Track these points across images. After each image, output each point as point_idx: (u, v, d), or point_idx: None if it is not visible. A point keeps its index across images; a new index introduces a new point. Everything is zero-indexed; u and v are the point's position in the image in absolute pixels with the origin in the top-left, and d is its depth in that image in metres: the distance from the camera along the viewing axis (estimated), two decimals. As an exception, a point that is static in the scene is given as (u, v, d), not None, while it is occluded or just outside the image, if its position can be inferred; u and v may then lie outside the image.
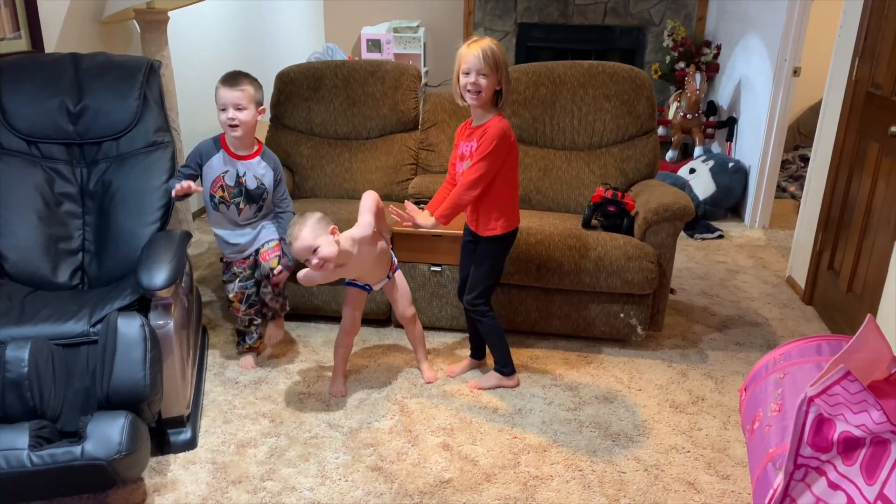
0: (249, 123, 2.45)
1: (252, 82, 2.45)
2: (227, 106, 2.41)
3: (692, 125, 5.18)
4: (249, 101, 2.42)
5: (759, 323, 3.17)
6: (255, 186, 2.52)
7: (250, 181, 2.51)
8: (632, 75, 3.17)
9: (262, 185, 2.53)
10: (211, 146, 2.51)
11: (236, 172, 2.50)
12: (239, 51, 4.77)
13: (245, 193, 2.52)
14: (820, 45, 4.37)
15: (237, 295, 2.62)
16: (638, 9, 5.86)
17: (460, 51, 2.29)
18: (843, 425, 1.31)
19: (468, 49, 2.26)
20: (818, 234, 3.30)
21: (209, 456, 2.21)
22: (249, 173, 2.51)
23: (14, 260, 2.31)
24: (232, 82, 2.41)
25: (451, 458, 2.21)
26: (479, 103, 2.29)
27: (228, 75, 2.44)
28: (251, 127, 2.47)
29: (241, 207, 2.53)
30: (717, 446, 2.29)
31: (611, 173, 3.19)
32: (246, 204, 2.53)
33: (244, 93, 2.41)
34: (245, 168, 2.51)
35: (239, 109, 2.41)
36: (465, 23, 6.15)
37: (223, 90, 2.41)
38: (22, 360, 1.83)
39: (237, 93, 2.40)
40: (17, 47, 2.73)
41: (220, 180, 2.50)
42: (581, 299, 2.82)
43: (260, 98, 2.47)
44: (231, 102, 2.40)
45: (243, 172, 2.51)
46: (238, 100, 2.40)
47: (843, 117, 3.13)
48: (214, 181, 2.50)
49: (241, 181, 2.51)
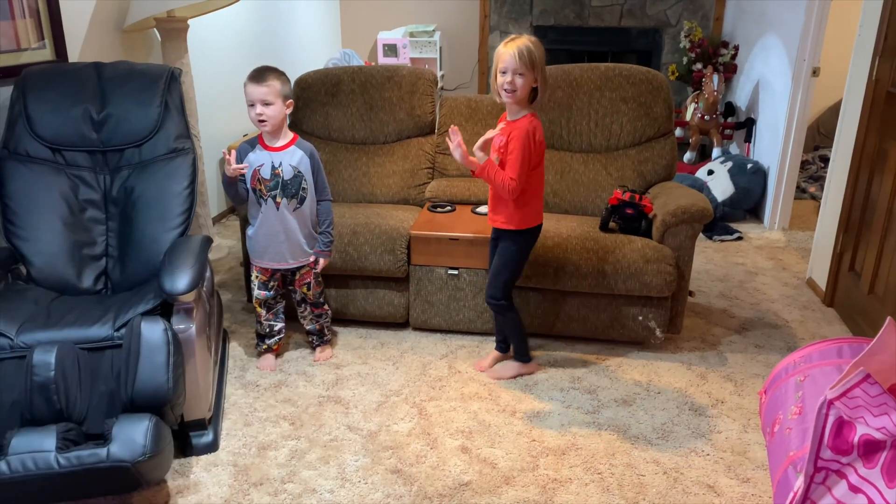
0: (277, 118, 2.50)
1: (279, 77, 2.49)
2: (254, 102, 2.47)
3: (710, 126, 5.15)
4: (276, 95, 2.47)
5: (778, 325, 3.15)
6: (292, 176, 2.56)
7: (286, 171, 2.55)
8: (649, 77, 3.17)
9: (300, 172, 2.57)
10: (247, 146, 2.59)
11: (271, 164, 2.55)
12: (257, 57, 4.81)
13: (282, 185, 2.55)
14: (840, 44, 4.33)
15: (258, 301, 2.68)
16: (654, 10, 5.84)
17: (497, 50, 2.31)
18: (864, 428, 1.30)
19: (505, 48, 2.28)
20: (839, 235, 3.27)
21: (231, 458, 2.24)
22: (285, 163, 2.56)
23: (40, 265, 2.35)
24: (258, 78, 2.46)
25: (469, 461, 2.22)
26: (515, 101, 2.32)
27: (255, 71, 2.49)
28: (280, 120, 2.52)
29: (278, 201, 2.56)
30: (737, 449, 2.28)
31: (628, 175, 3.18)
32: (283, 197, 2.56)
33: (270, 88, 2.46)
34: (280, 158, 2.56)
35: (266, 105, 2.47)
36: (481, 26, 6.17)
37: (250, 86, 2.46)
38: (49, 364, 1.87)
39: (264, 88, 2.45)
40: (41, 57, 2.78)
41: (256, 174, 2.55)
42: (599, 302, 2.82)
43: (287, 92, 2.52)
44: (258, 98, 2.46)
45: (279, 163, 2.55)
46: (265, 95, 2.45)
47: (863, 117, 3.10)
48: (252, 174, 2.56)
49: (277, 172, 2.55)
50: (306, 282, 2.70)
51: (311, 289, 2.71)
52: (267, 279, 2.67)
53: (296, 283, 2.71)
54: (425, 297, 2.95)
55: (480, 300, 2.90)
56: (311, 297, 2.74)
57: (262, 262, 2.65)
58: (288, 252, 2.63)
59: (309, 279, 2.70)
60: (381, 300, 2.98)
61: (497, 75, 2.31)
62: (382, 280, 2.96)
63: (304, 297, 2.74)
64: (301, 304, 2.76)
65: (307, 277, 2.70)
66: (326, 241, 2.68)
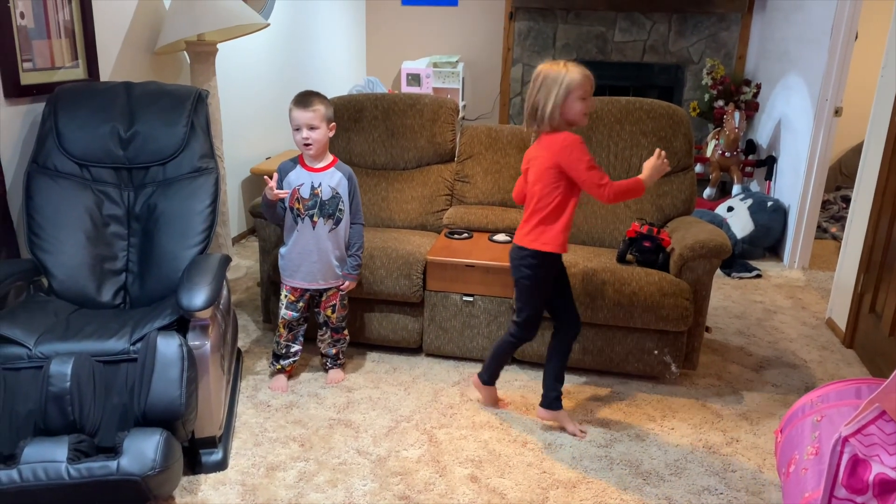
0: (321, 141, 2.56)
1: (322, 101, 2.54)
2: (300, 126, 2.52)
3: (731, 163, 5.14)
4: (321, 119, 2.53)
5: (796, 365, 3.10)
6: (330, 196, 2.60)
7: (325, 191, 2.60)
8: (669, 112, 3.18)
9: (338, 193, 2.61)
10: (289, 164, 2.63)
11: (311, 184, 2.59)
12: (283, 82, 4.91)
13: (320, 205, 2.59)
14: (863, 85, 4.32)
15: (283, 321, 2.70)
16: (677, 47, 5.88)
17: (567, 76, 2.22)
18: (879, 467, 1.27)
19: (579, 73, 2.24)
20: (860, 275, 3.24)
21: (239, 477, 2.23)
22: (324, 183, 2.60)
23: (62, 278, 2.39)
24: (304, 103, 2.51)
25: (478, 491, 2.19)
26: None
27: (300, 96, 2.54)
28: (324, 144, 2.58)
29: (314, 220, 2.59)
30: (751, 489, 2.24)
31: (647, 209, 3.18)
32: (320, 216, 2.60)
33: (316, 112, 2.51)
34: (320, 179, 2.60)
35: (311, 129, 2.52)
36: (504, 59, 6.24)
37: (296, 111, 2.51)
38: (65, 375, 1.89)
39: (309, 113, 2.50)
40: (74, 76, 2.86)
41: (296, 192, 2.59)
42: (614, 335, 2.80)
43: (330, 115, 2.58)
44: (304, 122, 2.51)
45: (318, 184, 2.59)
46: (310, 120, 2.51)
47: (885, 158, 3.08)
48: (292, 194, 2.59)
49: (316, 192, 2.59)
50: (332, 304, 2.72)
51: (335, 311, 2.73)
52: (296, 299, 2.69)
53: (321, 305, 2.73)
54: (439, 323, 2.95)
55: (495, 328, 2.89)
56: (335, 321, 2.75)
57: (294, 280, 2.67)
58: (319, 272, 2.66)
59: (335, 301, 2.72)
60: (396, 324, 2.98)
61: (574, 102, 2.24)
62: (397, 304, 2.96)
63: (328, 321, 2.75)
64: (323, 326, 2.77)
65: (333, 300, 2.72)
66: (355, 263, 2.71)
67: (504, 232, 3.19)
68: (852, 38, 3.91)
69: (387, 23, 6.44)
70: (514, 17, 6.09)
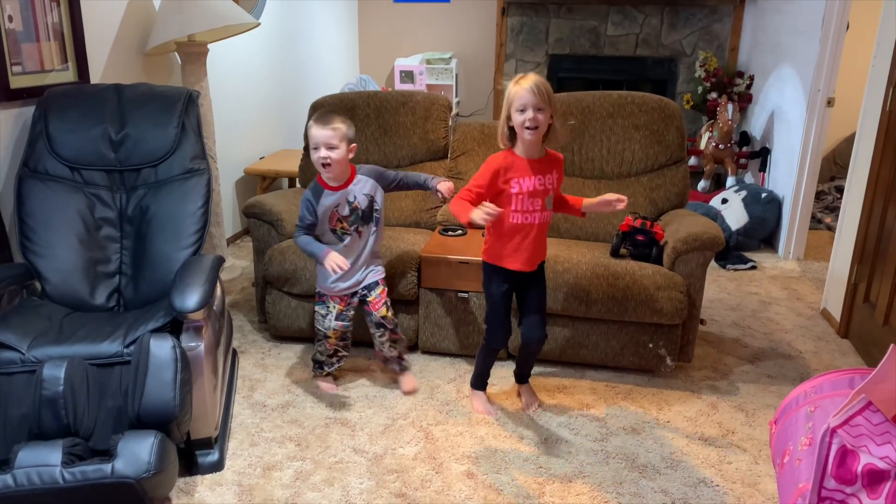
0: (341, 161, 2.46)
1: (344, 120, 2.46)
2: (319, 145, 2.42)
3: (724, 155, 5.14)
4: (341, 139, 2.43)
5: (792, 356, 3.11)
6: (367, 203, 2.57)
7: (362, 201, 2.55)
8: (661, 105, 3.18)
9: (374, 198, 2.58)
10: (314, 190, 2.53)
11: (346, 200, 2.53)
12: (275, 81, 4.90)
13: (361, 215, 2.56)
14: (854, 75, 4.32)
15: (336, 332, 2.63)
16: (669, 40, 5.88)
17: (510, 90, 2.23)
18: (867, 457, 1.27)
19: (518, 86, 2.21)
20: (853, 265, 3.24)
21: (235, 478, 2.23)
22: (359, 194, 2.55)
23: (55, 282, 2.39)
24: (324, 121, 2.42)
25: (475, 487, 2.19)
26: (537, 137, 2.26)
27: (320, 114, 2.46)
28: (343, 164, 2.48)
29: (360, 230, 2.57)
30: (747, 481, 2.24)
31: (640, 202, 3.18)
32: (364, 225, 2.58)
33: (336, 132, 2.42)
34: (353, 193, 2.54)
35: (331, 148, 2.42)
36: (497, 54, 6.23)
37: (315, 129, 2.43)
38: (58, 379, 1.88)
39: (329, 132, 2.41)
40: (64, 78, 2.85)
41: (335, 214, 2.53)
42: (609, 329, 2.80)
43: (351, 135, 2.48)
44: (323, 141, 2.41)
45: (353, 198, 2.54)
46: (329, 139, 2.41)
47: (877, 147, 3.09)
48: (331, 217, 2.53)
49: (355, 206, 2.54)
50: (383, 302, 2.63)
51: (389, 309, 2.65)
52: (345, 308, 2.62)
53: (372, 306, 2.62)
54: (435, 320, 2.95)
55: (490, 324, 2.89)
56: (391, 322, 2.66)
57: (342, 290, 2.60)
58: (362, 270, 2.62)
59: (385, 298, 2.64)
60: (391, 323, 2.98)
61: (513, 115, 2.23)
62: (392, 302, 2.96)
63: (383, 321, 2.64)
64: (379, 327, 2.66)
65: (383, 297, 2.64)
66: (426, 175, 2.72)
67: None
68: (843, 28, 3.91)
69: (379, 20, 6.43)
70: (507, 13, 6.08)
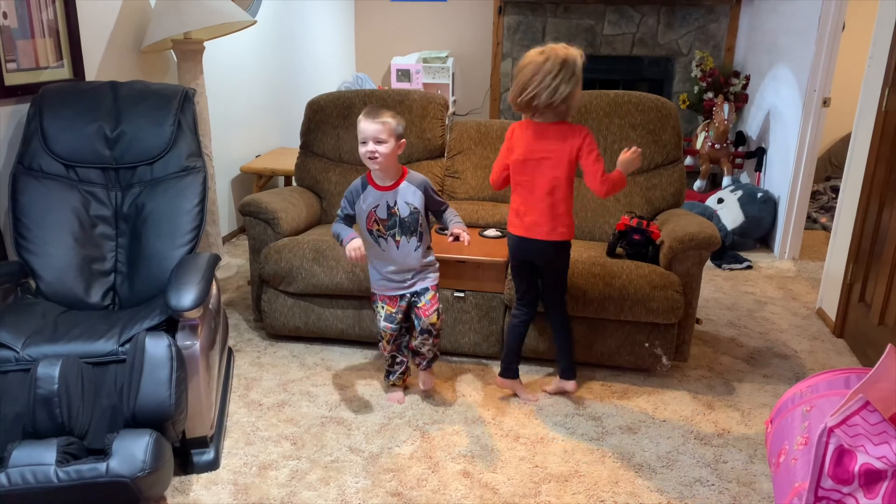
0: (389, 156, 2.38)
1: (393, 116, 2.40)
2: (367, 139, 2.36)
3: (720, 155, 5.15)
4: (389, 133, 2.36)
5: (787, 355, 3.11)
6: (409, 213, 2.47)
7: (402, 209, 2.46)
8: (657, 104, 3.18)
9: (416, 208, 2.48)
10: (359, 184, 2.49)
11: (386, 203, 2.46)
12: (271, 79, 4.89)
13: (399, 223, 2.47)
14: (850, 75, 4.34)
15: (387, 334, 2.59)
16: (666, 39, 5.88)
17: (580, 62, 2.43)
18: (864, 457, 1.28)
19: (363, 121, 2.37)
20: (849, 265, 3.25)
21: (231, 477, 2.23)
22: (400, 201, 2.46)
23: (49, 280, 2.38)
24: (373, 115, 2.36)
25: (471, 486, 2.19)
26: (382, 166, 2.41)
27: (370, 108, 2.40)
28: (391, 159, 2.41)
29: (397, 240, 2.48)
30: (742, 480, 2.25)
31: (636, 202, 3.18)
32: (402, 235, 2.48)
33: (385, 126, 2.35)
34: (394, 197, 2.46)
35: (378, 142, 2.35)
36: (494, 53, 6.23)
37: (364, 122, 2.36)
38: (53, 378, 1.88)
39: (377, 125, 2.35)
40: (59, 75, 2.84)
41: (373, 215, 2.47)
42: (605, 328, 2.80)
43: (401, 131, 2.42)
44: (371, 135, 2.35)
45: (394, 202, 2.46)
46: (378, 133, 2.35)
47: (873, 148, 3.10)
48: (368, 216, 2.47)
49: (394, 211, 2.46)
50: (434, 309, 2.54)
51: (439, 316, 2.56)
52: (394, 311, 2.56)
53: (422, 312, 2.53)
54: (431, 319, 2.94)
55: (486, 323, 2.89)
56: (437, 328, 2.57)
57: (388, 290, 2.56)
58: (409, 280, 2.54)
59: (437, 305, 2.55)
60: (387, 322, 2.98)
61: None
62: (388, 301, 2.96)
63: (431, 328, 2.55)
64: (424, 332, 2.57)
65: (434, 303, 2.55)
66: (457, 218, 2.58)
67: (494, 227, 3.19)
68: (839, 28, 3.92)
69: (376, 18, 6.42)
70: (504, 12, 6.07)
